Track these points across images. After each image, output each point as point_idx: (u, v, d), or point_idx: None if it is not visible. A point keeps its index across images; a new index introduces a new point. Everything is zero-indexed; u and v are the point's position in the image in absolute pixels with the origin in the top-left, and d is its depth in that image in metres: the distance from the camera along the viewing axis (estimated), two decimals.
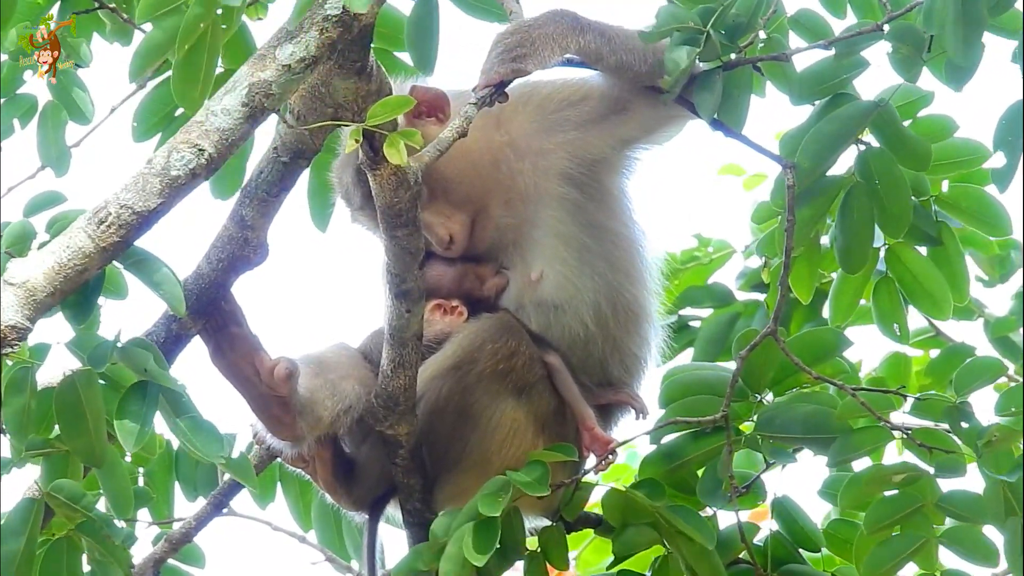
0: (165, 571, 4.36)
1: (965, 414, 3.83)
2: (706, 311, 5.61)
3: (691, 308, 5.62)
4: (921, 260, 4.13)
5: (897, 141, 3.88)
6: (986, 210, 4.10)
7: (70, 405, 3.54)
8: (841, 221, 3.94)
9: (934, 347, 5.52)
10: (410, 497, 4.01)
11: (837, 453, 3.87)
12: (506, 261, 4.07)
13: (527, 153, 4.04)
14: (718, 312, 5.57)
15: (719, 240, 5.79)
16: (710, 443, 3.98)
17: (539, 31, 3.84)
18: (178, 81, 3.41)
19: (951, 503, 3.86)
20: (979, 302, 5.50)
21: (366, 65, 3.55)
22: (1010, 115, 3.83)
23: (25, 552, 3.67)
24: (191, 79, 3.37)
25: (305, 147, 3.71)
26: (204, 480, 4.52)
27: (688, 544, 3.88)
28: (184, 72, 3.42)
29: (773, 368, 3.97)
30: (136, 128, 4.40)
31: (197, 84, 3.32)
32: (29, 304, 3.37)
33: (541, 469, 3.82)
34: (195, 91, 3.30)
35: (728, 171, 5.96)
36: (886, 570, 3.87)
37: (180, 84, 3.45)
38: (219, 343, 3.79)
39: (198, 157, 3.45)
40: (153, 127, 4.40)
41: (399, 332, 3.82)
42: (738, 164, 5.95)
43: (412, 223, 3.70)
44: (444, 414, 3.95)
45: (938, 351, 5.27)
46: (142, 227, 3.44)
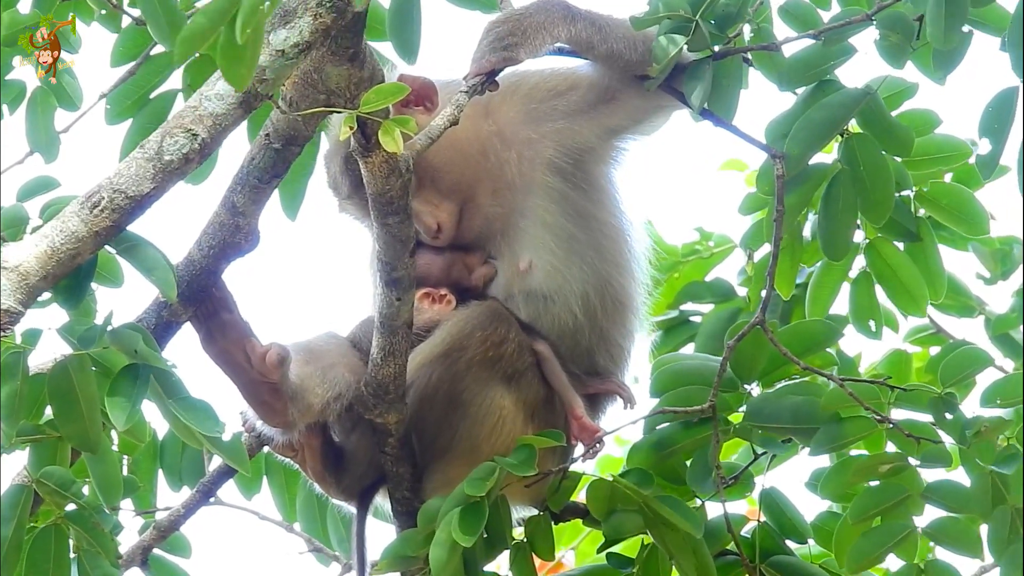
0: (151, 561, 4.48)
1: (950, 405, 3.92)
2: (707, 306, 5.72)
3: (692, 303, 5.73)
4: (899, 255, 4.28)
5: (882, 128, 4.01)
6: (965, 208, 4.24)
7: (63, 390, 3.59)
8: (825, 209, 4.06)
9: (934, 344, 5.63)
10: (399, 486, 4.11)
11: (821, 442, 3.96)
12: (494, 250, 4.19)
13: (515, 142, 4.16)
14: (719, 307, 5.68)
15: (720, 235, 5.89)
16: (699, 432, 4.07)
17: (530, 20, 3.96)
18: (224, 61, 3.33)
19: (936, 494, 3.97)
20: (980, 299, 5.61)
21: (359, 52, 3.63)
22: (997, 103, 3.95)
23: (13, 539, 3.72)
24: (240, 58, 3.28)
25: (297, 134, 3.78)
26: (190, 470, 4.65)
27: (671, 533, 3.97)
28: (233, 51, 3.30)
29: (764, 359, 4.08)
30: (109, 110, 4.48)
31: (245, 62, 3.27)
32: (21, 288, 3.50)
33: (528, 452, 3.92)
34: (242, 69, 3.27)
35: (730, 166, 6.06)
36: (869, 560, 3.97)
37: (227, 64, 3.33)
38: (210, 329, 3.89)
39: (191, 142, 3.57)
40: (127, 109, 4.49)
41: (389, 320, 3.91)
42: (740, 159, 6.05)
43: (403, 211, 3.78)
44: (433, 402, 4.05)
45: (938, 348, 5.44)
46: (135, 212, 3.55)
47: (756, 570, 4.14)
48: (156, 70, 4.54)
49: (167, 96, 4.55)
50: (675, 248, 5.90)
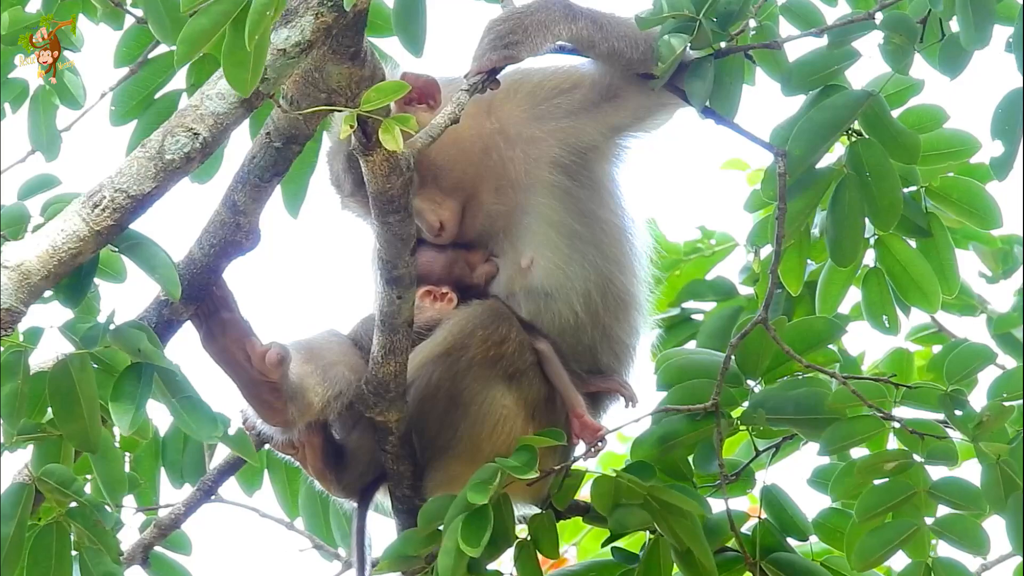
0: (152, 558, 4.47)
1: (959, 402, 3.91)
2: (709, 304, 5.73)
3: (694, 301, 5.74)
4: (910, 252, 4.25)
5: (886, 134, 4.00)
6: (977, 202, 4.21)
7: (64, 389, 3.59)
8: (832, 213, 4.05)
9: (936, 343, 5.64)
10: (400, 484, 4.11)
11: (830, 441, 3.96)
12: (496, 248, 4.18)
13: (517, 141, 4.16)
14: (721, 306, 5.68)
15: (722, 233, 5.91)
16: (703, 426, 4.06)
17: (531, 18, 3.96)
18: (229, 65, 3.36)
19: (943, 491, 3.95)
20: (982, 298, 5.62)
21: (360, 50, 3.62)
22: (1007, 103, 3.94)
23: (15, 537, 3.71)
24: (244, 63, 3.32)
25: (298, 132, 3.77)
26: (191, 467, 4.62)
27: (679, 521, 3.97)
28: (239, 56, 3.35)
29: (767, 356, 4.08)
30: (114, 112, 4.47)
31: (248, 68, 3.30)
32: (23, 287, 3.49)
33: (529, 453, 3.91)
34: (246, 74, 3.29)
35: (731, 166, 6.05)
36: (876, 558, 3.96)
37: (232, 68, 3.37)
38: (210, 328, 3.89)
39: (193, 141, 3.56)
40: (132, 111, 4.48)
41: (390, 318, 3.91)
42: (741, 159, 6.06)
43: (404, 209, 3.78)
44: (434, 400, 4.05)
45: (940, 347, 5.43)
46: (137, 211, 3.55)
47: (757, 567, 4.13)
48: (160, 70, 4.52)
49: (171, 96, 4.54)
50: (676, 246, 5.91)
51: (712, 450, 4.06)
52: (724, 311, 5.65)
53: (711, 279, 5.82)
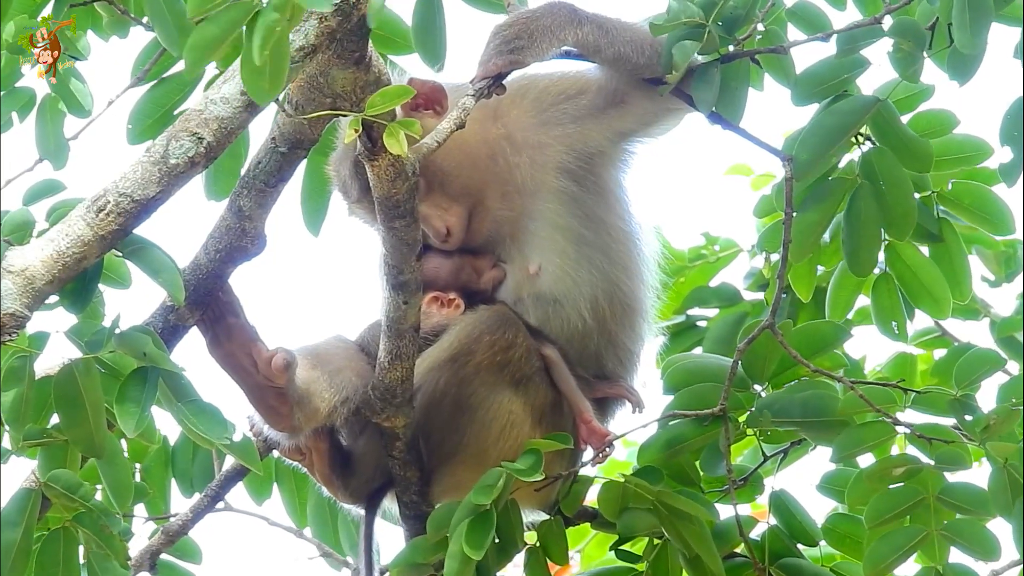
0: (160, 566, 4.42)
1: (969, 407, 3.89)
2: (713, 311, 5.71)
3: (698, 308, 5.72)
4: (921, 258, 4.21)
5: (898, 141, 3.97)
6: (989, 207, 4.17)
7: (69, 394, 3.58)
8: (848, 224, 4.02)
9: (939, 347, 5.60)
10: (407, 490, 4.09)
11: (841, 448, 3.93)
12: (503, 254, 4.16)
13: (524, 146, 4.13)
14: (725, 312, 5.66)
15: (726, 239, 5.88)
16: (710, 430, 4.04)
17: (537, 23, 3.93)
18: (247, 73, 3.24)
19: (953, 496, 3.92)
20: (984, 302, 5.59)
21: (364, 55, 3.59)
22: (1015, 110, 3.90)
23: (22, 543, 3.70)
24: (261, 71, 3.22)
25: (303, 137, 3.75)
26: (200, 475, 4.62)
27: (687, 526, 3.94)
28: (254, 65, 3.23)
29: (774, 361, 4.05)
30: (131, 130, 4.44)
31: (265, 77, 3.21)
32: (28, 292, 3.46)
33: (535, 457, 3.89)
34: (264, 83, 3.20)
35: (736, 171, 6.04)
36: (888, 564, 3.93)
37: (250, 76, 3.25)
38: (216, 334, 3.86)
39: (197, 145, 3.53)
40: (148, 129, 4.44)
41: (396, 324, 3.88)
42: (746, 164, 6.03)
43: (410, 214, 3.76)
44: (441, 406, 4.03)
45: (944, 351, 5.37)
46: (141, 215, 3.52)
47: (766, 572, 4.10)
48: (176, 88, 4.48)
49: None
50: (681, 253, 5.88)
51: (719, 454, 4.04)
52: (729, 317, 5.63)
53: (715, 285, 5.80)
